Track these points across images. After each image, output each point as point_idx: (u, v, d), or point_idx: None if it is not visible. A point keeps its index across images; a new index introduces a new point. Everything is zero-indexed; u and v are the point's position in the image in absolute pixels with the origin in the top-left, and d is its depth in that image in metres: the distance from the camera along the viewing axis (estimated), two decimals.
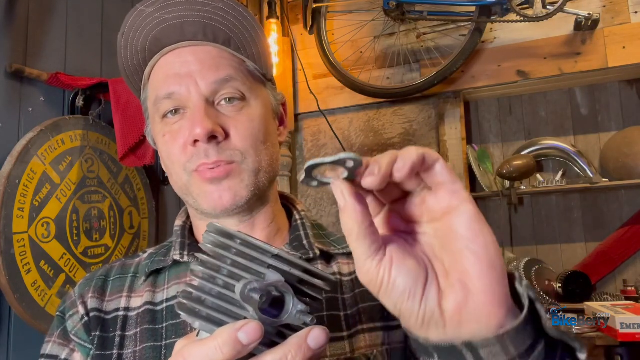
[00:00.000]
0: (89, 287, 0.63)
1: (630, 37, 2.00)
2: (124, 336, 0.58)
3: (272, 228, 0.66)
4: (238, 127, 0.59)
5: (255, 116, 0.61)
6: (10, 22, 1.33)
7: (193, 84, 0.59)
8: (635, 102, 2.39)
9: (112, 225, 1.54)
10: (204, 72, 0.59)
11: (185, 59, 0.60)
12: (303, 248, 0.64)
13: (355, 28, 2.34)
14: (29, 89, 1.38)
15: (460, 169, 2.19)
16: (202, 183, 0.59)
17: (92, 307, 0.61)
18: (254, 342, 0.34)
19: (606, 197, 2.40)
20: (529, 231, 2.52)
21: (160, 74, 0.62)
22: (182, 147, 0.59)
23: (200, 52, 0.61)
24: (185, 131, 0.58)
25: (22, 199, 1.27)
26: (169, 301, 0.60)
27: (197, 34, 0.61)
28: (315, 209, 2.43)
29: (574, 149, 2.40)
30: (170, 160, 0.61)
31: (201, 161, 0.58)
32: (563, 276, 2.20)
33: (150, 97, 0.63)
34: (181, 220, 0.68)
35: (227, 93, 0.60)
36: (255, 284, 0.36)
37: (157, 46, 0.62)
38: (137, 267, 0.66)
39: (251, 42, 0.63)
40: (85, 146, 1.48)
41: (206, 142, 0.57)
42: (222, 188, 0.58)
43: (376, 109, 2.38)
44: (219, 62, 0.61)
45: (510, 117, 2.61)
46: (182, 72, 0.59)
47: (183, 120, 0.59)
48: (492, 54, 2.20)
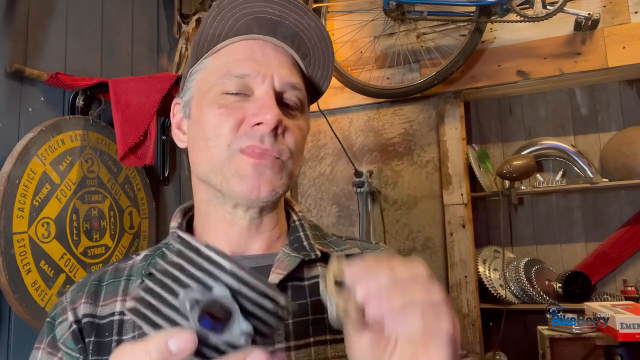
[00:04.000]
0: (81, 293, 0.62)
1: (630, 37, 2.00)
2: (120, 340, 0.58)
3: (275, 231, 0.66)
4: (292, 129, 0.62)
5: (303, 128, 0.65)
6: (10, 22, 1.33)
7: (269, 75, 0.61)
8: (635, 102, 2.39)
9: (112, 225, 1.54)
10: (282, 70, 0.62)
11: (267, 52, 0.63)
12: (304, 249, 0.64)
13: (355, 28, 2.34)
14: (29, 89, 1.38)
15: (460, 169, 2.19)
16: (244, 165, 0.58)
17: (85, 312, 0.60)
18: (184, 352, 0.34)
19: (606, 197, 2.41)
20: (529, 231, 2.53)
21: (237, 54, 0.62)
22: (237, 122, 0.59)
23: (282, 53, 0.64)
24: (247, 111, 0.59)
25: (22, 199, 1.27)
26: None
27: (287, 38, 0.65)
28: (315, 209, 2.44)
29: (574, 149, 2.40)
30: (216, 132, 0.60)
31: (254, 142, 0.58)
32: (563, 276, 2.20)
33: (214, 70, 0.63)
34: (177, 222, 0.67)
35: (291, 99, 0.63)
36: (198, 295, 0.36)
37: (247, 30, 0.64)
38: (131, 269, 0.65)
39: (321, 64, 0.68)
40: (85, 146, 1.48)
41: (269, 129, 0.58)
42: (263, 178, 0.58)
43: (376, 109, 2.38)
44: (293, 69, 0.64)
45: (510, 117, 2.61)
46: (262, 61, 0.61)
47: (245, 102, 0.60)
48: (492, 54, 2.20)
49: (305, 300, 0.60)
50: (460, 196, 2.17)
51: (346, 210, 2.38)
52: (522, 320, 2.41)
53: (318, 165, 2.46)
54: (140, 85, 1.53)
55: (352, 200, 2.37)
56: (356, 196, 2.30)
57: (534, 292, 2.21)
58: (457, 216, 2.16)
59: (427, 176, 2.26)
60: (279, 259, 0.62)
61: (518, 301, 2.27)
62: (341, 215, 2.39)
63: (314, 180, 2.45)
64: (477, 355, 2.07)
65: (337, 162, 2.43)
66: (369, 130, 2.39)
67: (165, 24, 1.94)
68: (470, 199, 2.19)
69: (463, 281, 2.12)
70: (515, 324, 2.39)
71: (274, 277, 0.59)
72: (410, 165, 2.30)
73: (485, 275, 2.27)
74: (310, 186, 2.46)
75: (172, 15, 1.94)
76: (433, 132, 2.28)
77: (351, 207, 2.37)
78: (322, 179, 2.45)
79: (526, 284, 2.23)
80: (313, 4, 2.27)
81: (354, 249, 0.68)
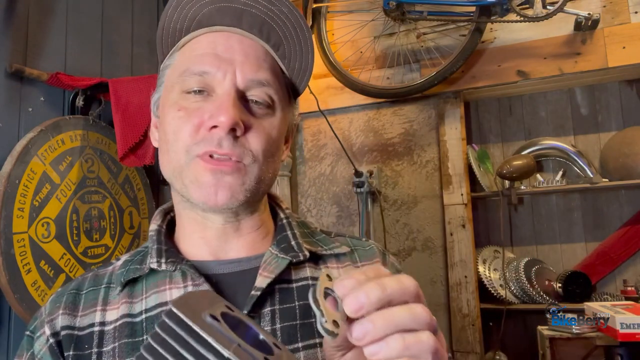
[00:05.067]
0: (59, 304, 0.59)
1: (630, 37, 2.00)
2: (100, 352, 0.55)
3: (260, 232, 0.64)
4: (258, 130, 0.58)
5: (275, 127, 0.60)
6: (10, 22, 1.33)
7: (231, 71, 0.57)
8: (635, 102, 2.39)
9: (112, 225, 1.55)
10: (246, 65, 0.58)
11: (231, 45, 0.59)
12: (292, 250, 0.61)
13: (355, 28, 2.34)
14: (29, 89, 1.38)
15: (460, 169, 2.19)
16: (202, 171, 0.55)
17: (63, 325, 0.57)
18: None
19: (606, 197, 2.40)
20: (529, 231, 2.52)
21: (198, 49, 0.59)
22: (195, 127, 0.56)
23: (248, 45, 0.59)
24: (205, 114, 0.56)
25: (22, 199, 1.27)
26: (149, 311, 0.57)
27: (253, 27, 0.60)
28: (315, 209, 2.44)
29: (574, 149, 2.40)
30: (175, 136, 0.57)
31: (211, 148, 0.55)
32: (563, 276, 2.20)
33: (177, 66, 0.61)
34: (156, 224, 0.64)
35: (258, 96, 0.58)
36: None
37: (208, 22, 0.60)
38: (111, 276, 0.62)
39: (299, 55, 0.63)
40: (85, 146, 1.48)
41: (225, 132, 0.54)
42: (221, 183, 0.55)
43: (376, 109, 2.39)
44: (262, 63, 0.59)
45: (510, 117, 2.61)
46: (224, 56, 0.58)
47: (205, 103, 0.57)
48: (492, 54, 2.20)
49: (293, 304, 0.58)
50: (460, 196, 2.17)
51: (346, 210, 2.38)
52: (522, 320, 2.41)
53: (318, 165, 2.46)
54: (140, 85, 1.53)
55: (352, 200, 2.37)
56: (356, 196, 2.30)
57: (534, 292, 2.21)
58: (457, 216, 2.16)
59: (427, 176, 2.26)
60: (265, 260, 0.60)
61: (518, 301, 2.27)
62: (341, 215, 2.39)
63: (314, 180, 2.46)
64: (477, 355, 2.07)
65: (337, 162, 2.43)
66: (369, 130, 2.39)
67: None
68: (470, 199, 2.19)
69: (463, 281, 2.12)
70: (515, 324, 2.39)
71: (261, 280, 0.57)
72: (410, 165, 2.30)
73: (485, 275, 2.27)
74: (310, 186, 2.46)
75: None
76: (433, 132, 2.28)
77: (351, 207, 2.37)
78: (322, 179, 2.45)
79: (526, 284, 2.23)
80: (313, 4, 2.27)
81: (342, 247, 0.66)
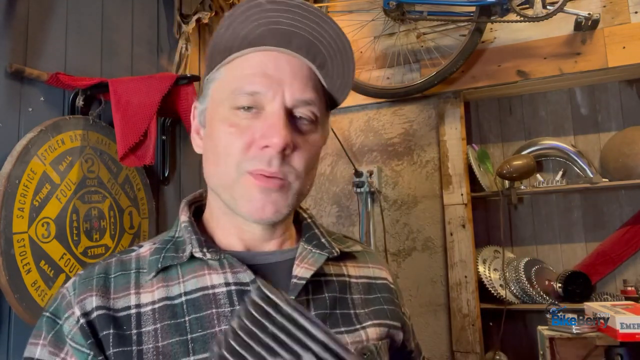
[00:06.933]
0: (90, 286, 0.60)
1: (630, 37, 2.00)
2: (140, 333, 0.57)
3: (286, 235, 0.69)
4: (303, 149, 0.62)
5: (317, 143, 0.65)
6: (10, 22, 1.33)
7: (280, 91, 0.60)
8: (635, 102, 2.39)
9: (112, 225, 1.54)
10: (294, 85, 0.61)
11: (280, 65, 0.62)
12: (324, 247, 0.68)
13: (355, 28, 2.34)
14: (29, 89, 1.37)
15: (460, 169, 2.19)
16: (252, 187, 0.60)
17: (97, 305, 0.59)
18: None
19: (606, 197, 2.41)
20: (529, 231, 2.53)
21: (248, 68, 0.62)
22: (246, 145, 0.60)
23: (296, 65, 0.63)
24: (256, 132, 0.59)
25: (22, 199, 1.27)
26: (188, 294, 0.60)
27: (301, 48, 0.63)
28: (315, 209, 2.44)
29: (574, 149, 2.40)
30: (226, 152, 0.61)
31: (261, 167, 0.59)
32: (563, 276, 2.20)
33: (225, 82, 0.64)
34: (186, 216, 0.68)
35: (304, 113, 0.62)
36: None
37: (259, 42, 0.63)
38: (138, 262, 0.64)
39: (340, 74, 0.67)
40: (85, 146, 1.48)
41: (276, 152, 0.58)
42: (268, 200, 0.60)
43: (376, 109, 2.39)
44: (308, 82, 0.63)
45: (510, 117, 2.61)
46: (274, 75, 0.61)
47: (255, 120, 0.60)
48: (492, 54, 2.20)
49: (323, 295, 0.65)
50: (460, 196, 2.17)
51: (346, 210, 2.38)
52: (522, 320, 2.41)
53: (318, 165, 2.46)
54: (140, 85, 1.53)
55: (352, 200, 2.37)
56: (356, 196, 2.30)
57: (534, 292, 2.21)
58: (457, 216, 2.16)
59: (427, 176, 2.26)
60: (300, 253, 0.66)
61: (518, 301, 2.27)
62: (341, 215, 2.39)
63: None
64: (477, 355, 2.07)
65: (337, 162, 2.43)
66: (369, 130, 2.39)
67: (165, 24, 1.94)
68: (470, 199, 2.19)
69: (463, 281, 2.12)
70: (515, 324, 2.39)
71: (303, 271, 0.63)
72: (410, 165, 2.30)
73: (485, 275, 2.27)
74: None
75: (172, 15, 1.94)
76: (433, 132, 2.28)
77: (351, 207, 2.37)
78: (322, 179, 2.45)
79: (526, 284, 2.23)
80: (313, 4, 2.27)
81: (357, 245, 0.76)
